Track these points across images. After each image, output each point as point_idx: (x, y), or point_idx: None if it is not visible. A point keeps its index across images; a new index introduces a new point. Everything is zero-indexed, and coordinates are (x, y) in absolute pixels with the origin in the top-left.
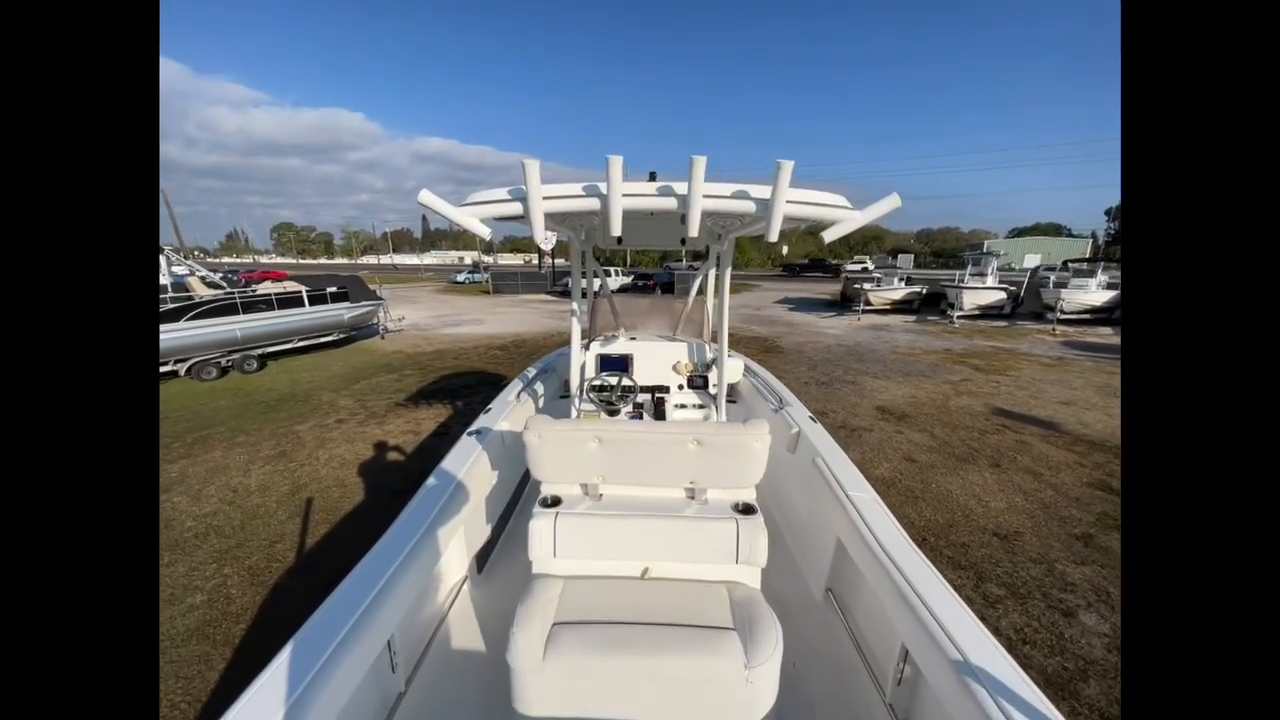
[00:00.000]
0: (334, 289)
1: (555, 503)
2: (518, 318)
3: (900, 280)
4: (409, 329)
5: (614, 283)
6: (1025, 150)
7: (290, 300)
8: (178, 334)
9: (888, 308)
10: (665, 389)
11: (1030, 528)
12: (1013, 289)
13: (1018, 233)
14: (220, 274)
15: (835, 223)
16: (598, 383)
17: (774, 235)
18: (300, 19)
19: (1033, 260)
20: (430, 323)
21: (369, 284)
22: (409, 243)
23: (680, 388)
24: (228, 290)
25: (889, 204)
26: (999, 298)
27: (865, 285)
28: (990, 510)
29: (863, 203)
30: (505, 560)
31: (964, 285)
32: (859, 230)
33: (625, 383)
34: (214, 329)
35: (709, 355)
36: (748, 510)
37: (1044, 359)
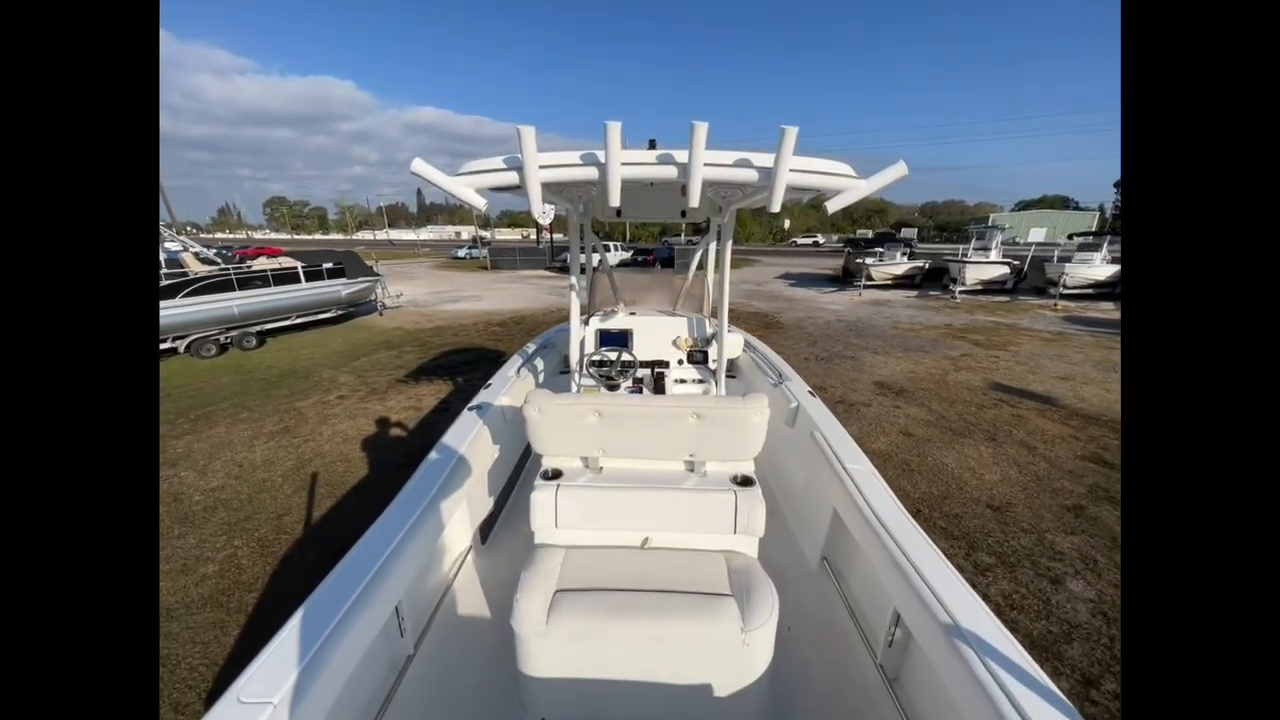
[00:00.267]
0: (330, 265)
1: (556, 475)
2: (517, 294)
3: (902, 255)
4: (407, 305)
5: (613, 258)
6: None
7: (286, 276)
8: (174, 311)
9: (889, 283)
10: (665, 364)
11: (1023, 499)
12: (1016, 263)
13: (1024, 206)
14: (214, 250)
15: (839, 192)
16: (597, 358)
17: (776, 205)
18: None
19: (1038, 234)
20: (429, 299)
21: (365, 260)
22: (404, 217)
23: (680, 363)
24: (222, 266)
25: (895, 172)
26: (1002, 272)
27: (867, 260)
28: (984, 483)
29: (867, 173)
30: (508, 531)
31: (967, 260)
32: (861, 204)
33: (625, 358)
34: (211, 306)
35: (709, 330)
36: (746, 482)
37: (1044, 334)
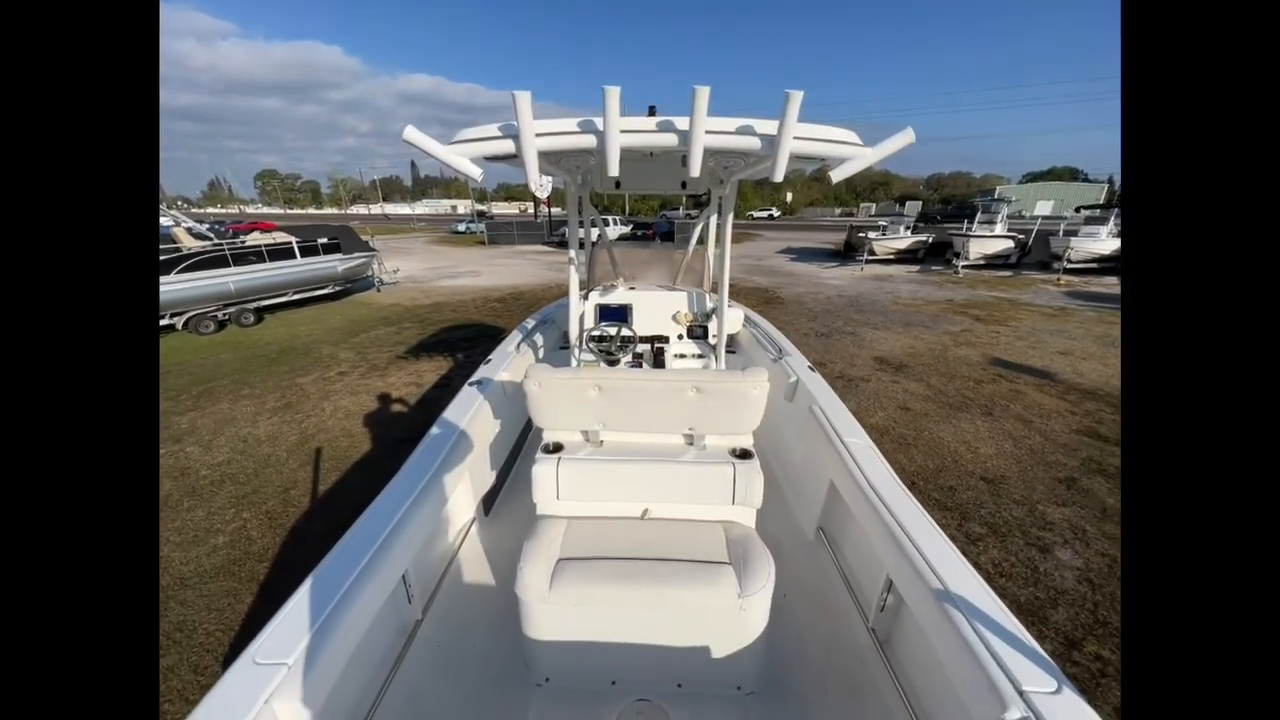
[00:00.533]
0: (325, 240)
1: (557, 449)
2: (515, 269)
3: (906, 229)
4: (405, 281)
5: (612, 232)
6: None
7: (281, 252)
8: (170, 287)
9: (891, 257)
10: (665, 339)
11: (1016, 472)
12: (1021, 237)
13: (1032, 178)
14: (206, 225)
15: (844, 161)
16: (597, 333)
17: (780, 175)
18: None
19: (1044, 208)
20: (426, 275)
21: (361, 235)
22: (399, 191)
23: (680, 338)
24: (216, 242)
25: (902, 139)
26: (1006, 246)
27: (870, 234)
28: (979, 456)
29: (872, 142)
30: (511, 503)
31: (971, 234)
32: (865, 176)
33: (625, 333)
34: (207, 282)
35: (709, 305)
36: (745, 455)
37: (1046, 309)
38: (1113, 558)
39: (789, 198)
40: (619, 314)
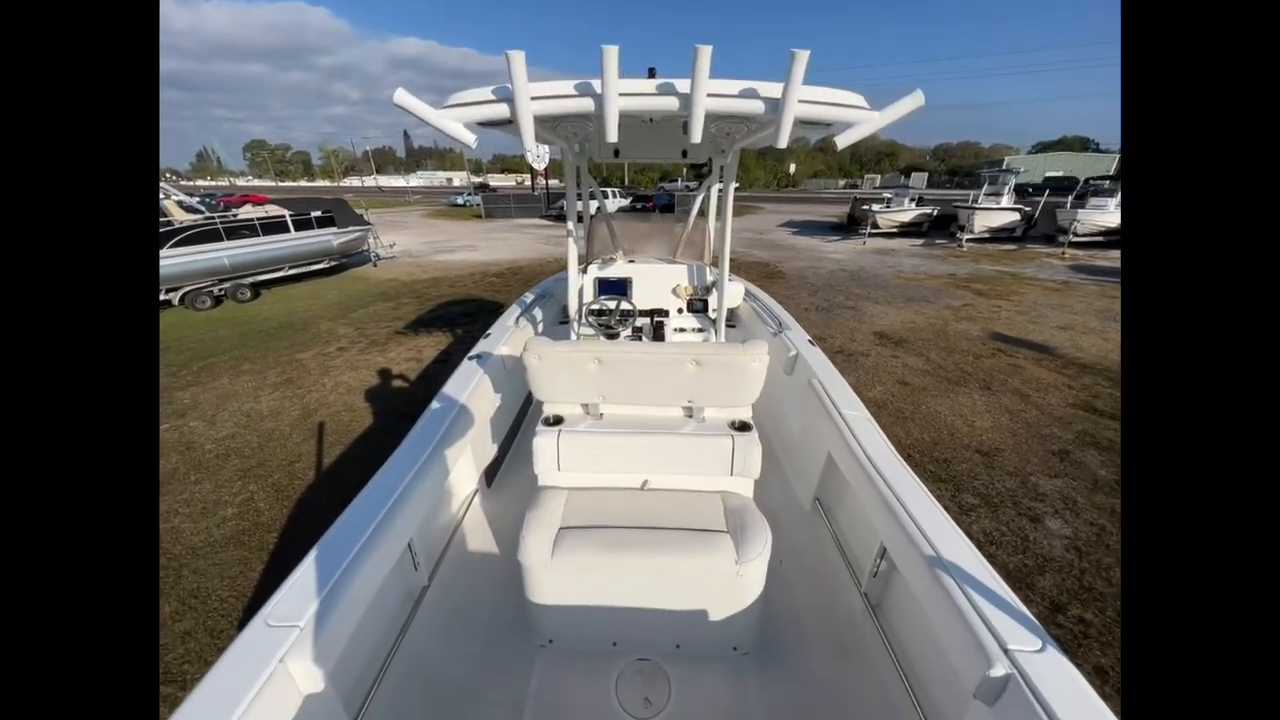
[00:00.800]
0: (319, 214)
1: (558, 421)
2: (513, 244)
3: (911, 201)
4: (401, 256)
5: (611, 204)
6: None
7: (274, 225)
8: (165, 262)
9: (895, 230)
10: (664, 313)
11: (1011, 445)
12: (1027, 209)
13: (1042, 148)
14: (197, 198)
15: (850, 126)
16: (596, 307)
17: (784, 140)
18: None
19: (1053, 166)
20: (423, 249)
21: (355, 208)
22: (392, 162)
23: (680, 311)
24: (207, 215)
25: (911, 103)
26: (1012, 219)
27: (874, 206)
28: (975, 429)
29: (879, 107)
30: (512, 475)
31: (976, 206)
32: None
33: (624, 306)
34: (202, 256)
35: (709, 279)
36: (743, 428)
37: (1048, 283)
38: (1100, 527)
39: (792, 169)
40: (618, 288)
